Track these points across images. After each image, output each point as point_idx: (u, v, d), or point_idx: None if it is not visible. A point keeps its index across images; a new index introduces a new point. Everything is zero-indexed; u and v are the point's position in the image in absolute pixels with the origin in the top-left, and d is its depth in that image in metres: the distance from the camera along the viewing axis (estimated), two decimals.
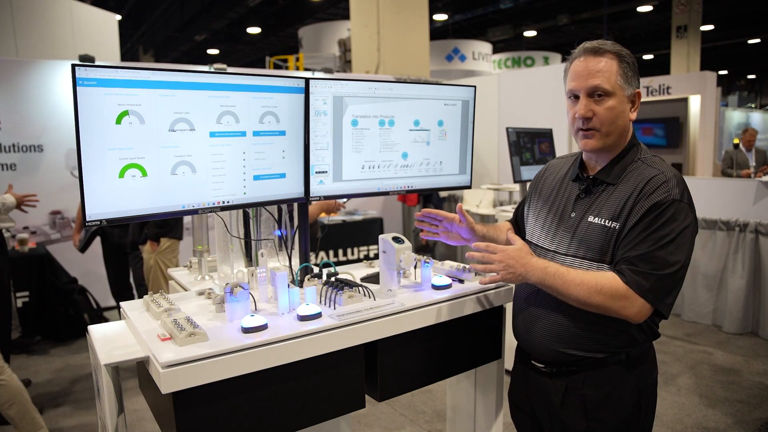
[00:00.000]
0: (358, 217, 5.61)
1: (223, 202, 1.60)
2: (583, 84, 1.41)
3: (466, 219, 1.75)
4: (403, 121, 1.91)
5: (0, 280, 3.22)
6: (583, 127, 1.44)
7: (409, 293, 1.71)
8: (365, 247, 5.57)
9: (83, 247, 4.38)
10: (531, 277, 1.42)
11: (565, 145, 5.32)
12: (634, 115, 1.45)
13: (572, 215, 1.50)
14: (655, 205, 1.34)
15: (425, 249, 5.04)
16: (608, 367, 1.46)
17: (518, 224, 1.80)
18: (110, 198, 1.39)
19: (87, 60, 4.99)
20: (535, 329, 1.53)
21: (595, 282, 1.35)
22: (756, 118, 12.82)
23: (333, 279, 1.68)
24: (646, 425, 1.51)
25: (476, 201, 6.02)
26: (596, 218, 1.43)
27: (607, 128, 1.41)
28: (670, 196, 1.34)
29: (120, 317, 1.67)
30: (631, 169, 1.44)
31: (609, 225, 1.40)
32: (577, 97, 1.44)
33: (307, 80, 1.70)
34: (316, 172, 1.78)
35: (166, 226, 3.88)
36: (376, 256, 1.94)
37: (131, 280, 4.44)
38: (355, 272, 1.94)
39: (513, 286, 1.84)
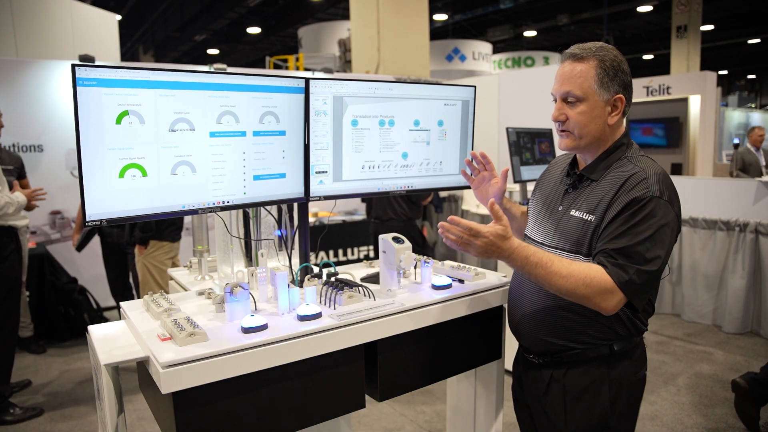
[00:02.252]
0: (358, 217, 5.61)
1: (223, 202, 1.60)
2: (557, 89, 1.48)
3: (502, 184, 1.81)
4: (403, 121, 1.91)
5: (13, 278, 3.25)
6: (559, 128, 1.52)
7: (409, 293, 1.71)
8: (365, 247, 5.56)
9: (80, 246, 4.38)
10: (511, 263, 1.41)
11: None
12: (614, 120, 1.46)
13: (559, 208, 1.55)
14: (633, 201, 1.36)
15: (423, 248, 5.05)
16: (591, 361, 1.48)
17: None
18: (110, 198, 1.39)
19: (87, 60, 4.99)
20: (520, 316, 1.58)
21: (585, 275, 1.34)
22: (756, 118, 12.83)
23: (333, 279, 1.68)
24: (625, 425, 1.52)
25: (476, 201, 6.02)
26: (576, 212, 1.48)
27: (579, 131, 1.47)
28: (649, 192, 1.36)
29: (120, 317, 1.67)
30: (616, 167, 1.47)
31: (585, 218, 1.44)
32: (556, 101, 1.51)
33: (307, 80, 1.70)
34: (316, 172, 1.78)
35: (150, 229, 3.86)
36: (376, 256, 1.94)
37: (131, 280, 4.45)
38: (355, 272, 1.94)
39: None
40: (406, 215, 4.61)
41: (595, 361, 1.48)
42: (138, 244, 3.90)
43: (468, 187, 2.16)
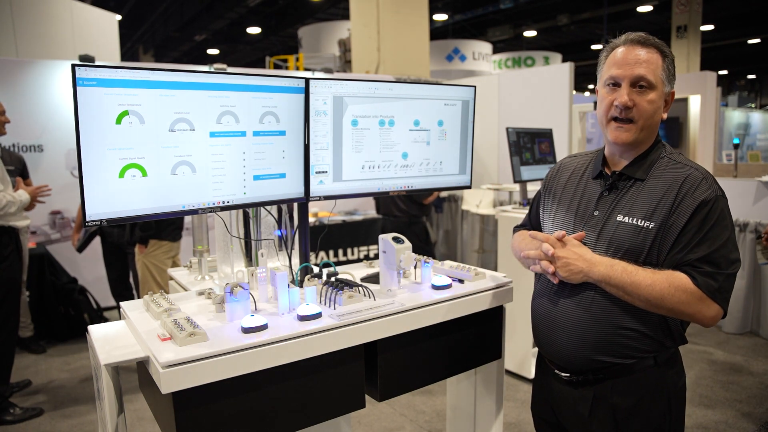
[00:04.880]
0: (358, 217, 5.60)
1: (223, 202, 1.60)
2: (628, 72, 1.37)
3: None
4: (403, 121, 1.91)
5: (13, 278, 3.26)
6: (620, 116, 1.39)
7: (409, 293, 1.71)
8: (365, 247, 5.56)
9: (81, 247, 4.38)
10: (594, 273, 1.34)
11: (565, 145, 5.31)
12: (665, 115, 1.42)
13: (595, 214, 1.44)
14: (702, 204, 1.30)
15: (427, 245, 5.07)
16: (636, 374, 1.40)
17: (534, 229, 1.71)
18: (110, 198, 1.39)
19: (87, 60, 4.99)
20: (559, 336, 1.47)
21: (668, 283, 1.28)
22: (756, 118, 12.81)
23: (333, 279, 1.68)
24: None
25: (476, 201, 6.01)
26: (626, 217, 1.38)
27: (644, 122, 1.38)
28: (713, 192, 1.31)
29: (120, 317, 1.67)
30: (659, 166, 1.40)
31: (642, 224, 1.35)
32: (616, 85, 1.40)
33: (307, 80, 1.70)
34: (316, 172, 1.78)
35: (150, 228, 3.87)
36: (376, 256, 1.94)
37: (131, 280, 4.45)
38: (355, 272, 1.94)
39: (512, 286, 1.84)
40: (410, 212, 4.76)
41: (641, 374, 1.40)
42: (138, 243, 3.92)
43: (468, 187, 2.16)
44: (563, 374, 1.49)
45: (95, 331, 1.51)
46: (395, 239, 1.65)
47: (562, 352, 1.47)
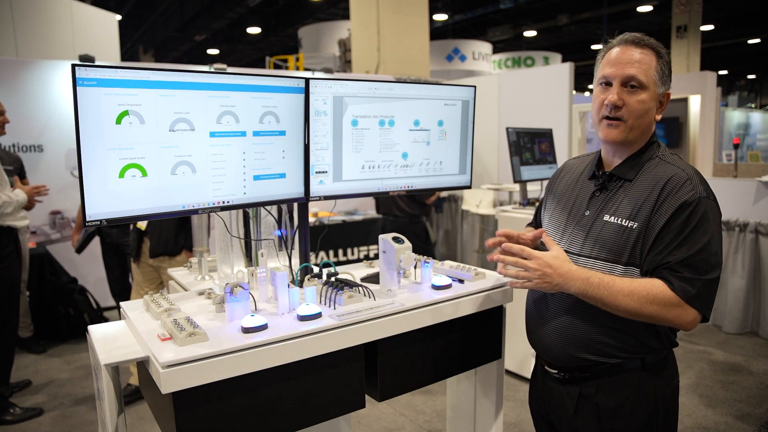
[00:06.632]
0: (358, 217, 5.60)
1: (223, 202, 1.60)
2: (620, 72, 1.38)
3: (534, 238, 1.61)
4: (403, 121, 1.91)
5: (12, 278, 3.26)
6: (609, 115, 1.40)
7: (409, 293, 1.71)
8: (365, 247, 5.56)
9: (80, 248, 4.38)
10: (570, 287, 1.34)
11: (564, 145, 5.31)
12: (659, 116, 1.43)
13: (586, 213, 1.46)
14: (683, 205, 1.30)
15: (427, 245, 5.07)
16: (623, 374, 1.41)
17: (539, 227, 1.74)
18: (110, 198, 1.39)
19: (87, 60, 4.99)
20: (547, 332, 1.49)
21: (647, 292, 1.28)
22: (756, 118, 12.80)
23: (333, 279, 1.68)
24: None
25: (476, 201, 6.01)
26: (612, 217, 1.39)
27: (633, 121, 1.39)
28: (696, 194, 1.30)
29: (120, 317, 1.67)
30: (648, 167, 1.40)
31: (626, 225, 1.36)
32: (608, 84, 1.41)
33: (307, 80, 1.70)
34: (316, 172, 1.78)
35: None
36: (376, 256, 1.94)
37: (130, 280, 4.44)
38: (355, 272, 1.94)
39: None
40: (410, 212, 4.75)
41: (628, 375, 1.41)
42: (187, 251, 3.76)
43: (468, 187, 2.16)
44: (552, 371, 1.52)
45: (95, 331, 1.51)
46: (395, 239, 1.65)
47: (548, 348, 1.50)
